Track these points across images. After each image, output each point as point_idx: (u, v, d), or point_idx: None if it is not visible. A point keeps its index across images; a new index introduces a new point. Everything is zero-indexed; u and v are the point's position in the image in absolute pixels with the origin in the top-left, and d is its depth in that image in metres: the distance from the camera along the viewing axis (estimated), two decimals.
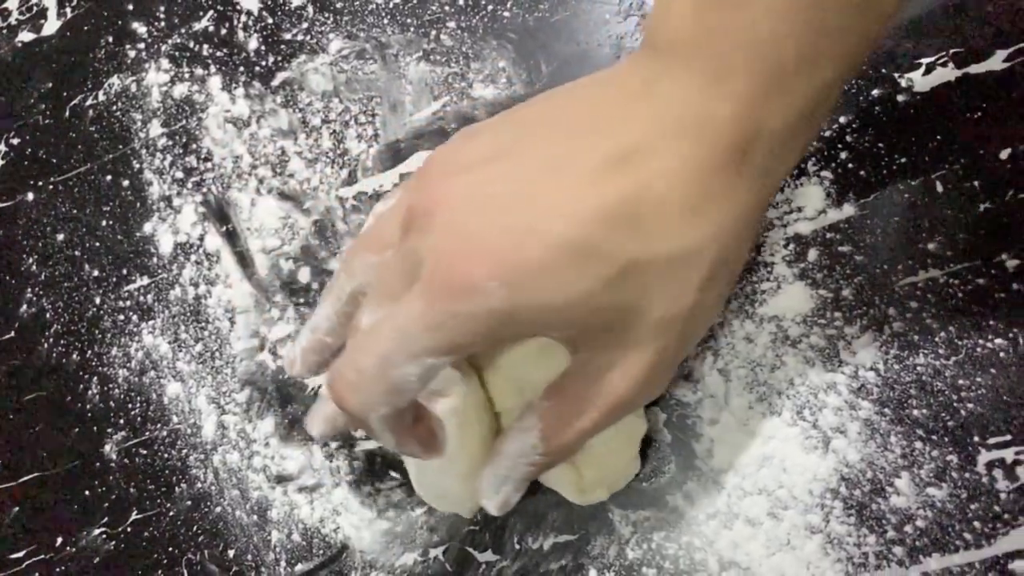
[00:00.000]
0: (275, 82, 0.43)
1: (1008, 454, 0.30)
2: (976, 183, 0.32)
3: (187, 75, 0.45)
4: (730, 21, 0.23)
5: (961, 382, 0.31)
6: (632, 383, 0.26)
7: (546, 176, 0.24)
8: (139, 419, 0.42)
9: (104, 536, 0.41)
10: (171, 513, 0.40)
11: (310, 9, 0.43)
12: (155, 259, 0.43)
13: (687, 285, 0.25)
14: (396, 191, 0.32)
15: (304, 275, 0.41)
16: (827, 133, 0.35)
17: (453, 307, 0.23)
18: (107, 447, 0.42)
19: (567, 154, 0.24)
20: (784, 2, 0.22)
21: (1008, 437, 0.30)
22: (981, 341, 0.31)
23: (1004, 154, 0.32)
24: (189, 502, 0.40)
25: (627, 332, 0.25)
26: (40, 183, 0.46)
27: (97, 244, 0.44)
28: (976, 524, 0.30)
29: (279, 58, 0.43)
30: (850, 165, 0.34)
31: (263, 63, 0.44)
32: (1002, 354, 0.31)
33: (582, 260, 0.23)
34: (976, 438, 0.31)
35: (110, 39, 0.47)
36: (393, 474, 0.37)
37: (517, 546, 0.35)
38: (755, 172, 0.25)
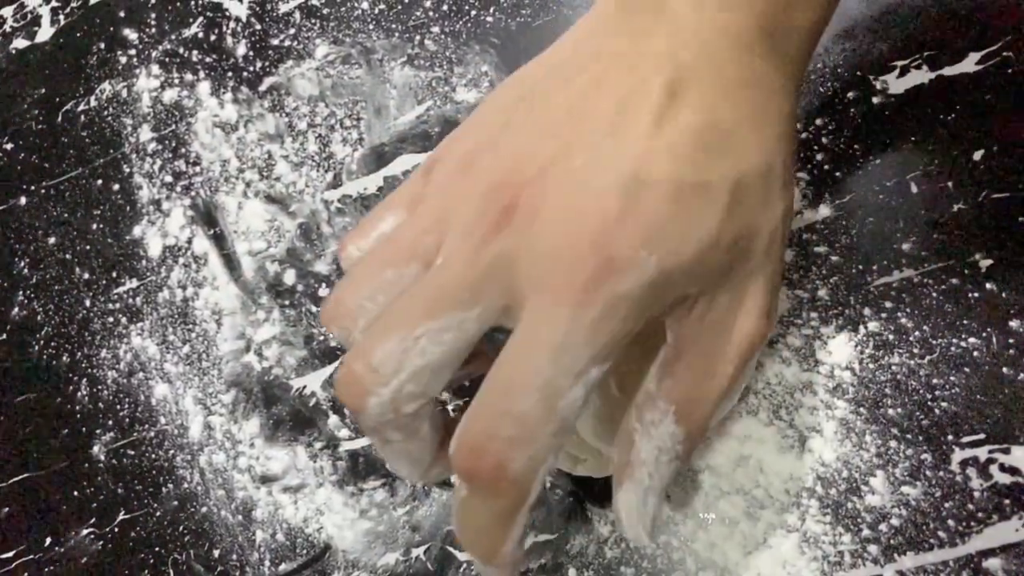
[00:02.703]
0: (262, 87, 0.44)
1: (981, 453, 0.30)
2: (950, 184, 0.33)
3: (177, 80, 0.46)
4: None
5: (935, 381, 0.31)
6: (761, 312, 0.23)
7: (614, 126, 0.21)
8: (127, 420, 0.42)
9: (92, 536, 0.41)
10: (158, 513, 0.40)
11: (297, 15, 0.44)
12: (144, 262, 0.44)
13: (775, 192, 0.22)
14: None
15: (289, 277, 0.41)
16: (803, 135, 0.35)
17: (613, 292, 0.20)
18: (96, 448, 0.42)
19: (619, 102, 0.21)
20: None
21: (982, 436, 0.31)
22: (955, 340, 0.31)
23: (977, 155, 0.32)
24: (175, 502, 0.40)
25: (747, 261, 0.22)
26: (32, 187, 0.47)
27: (88, 247, 0.45)
28: (950, 523, 0.30)
29: (267, 63, 0.44)
30: (826, 167, 0.34)
31: (251, 68, 0.44)
32: (976, 353, 0.31)
33: (702, 195, 0.21)
34: (950, 437, 0.31)
35: (102, 46, 0.48)
36: (375, 475, 0.38)
37: None
38: (791, 66, 0.24)
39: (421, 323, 0.20)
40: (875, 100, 0.34)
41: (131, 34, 0.47)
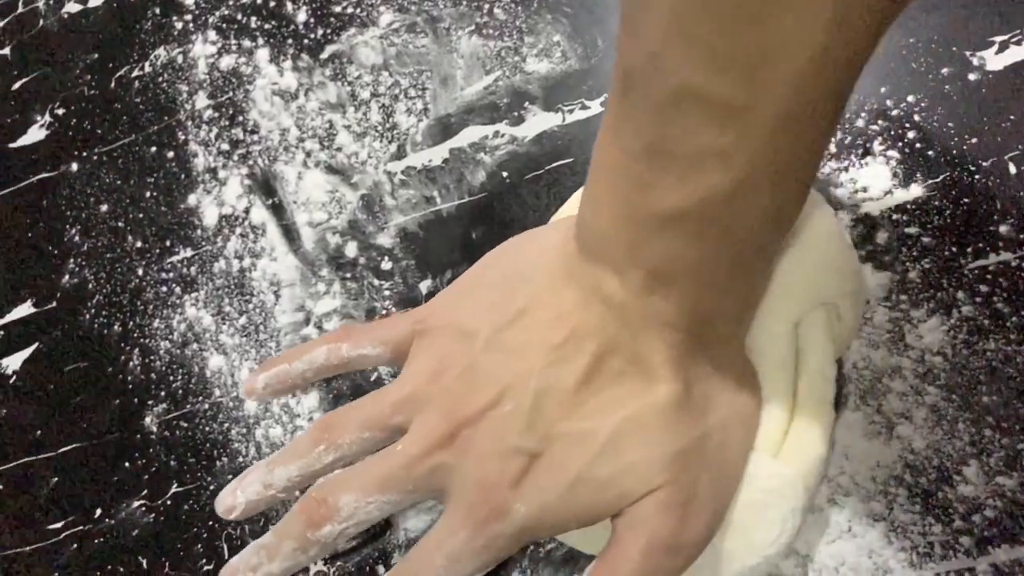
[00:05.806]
0: (324, 55, 0.43)
1: None
2: None
3: (234, 47, 0.45)
4: (669, 244, 0.24)
5: None
6: (664, 509, 0.26)
7: (555, 399, 0.27)
8: (180, 392, 0.41)
9: (143, 508, 0.40)
10: (212, 487, 0.40)
11: None
12: (199, 231, 0.43)
13: (680, 428, 0.27)
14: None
15: (351, 249, 0.40)
16: (895, 112, 0.34)
17: (494, 532, 0.27)
18: (148, 419, 0.41)
19: (554, 371, 0.27)
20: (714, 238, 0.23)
21: None
22: None
23: None
24: (230, 476, 0.39)
25: (642, 482, 0.27)
26: (85, 154, 0.46)
27: (141, 215, 0.44)
28: None
29: (328, 31, 0.43)
30: (918, 145, 0.33)
31: (312, 36, 0.43)
32: None
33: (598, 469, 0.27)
34: None
35: (157, 11, 0.47)
36: None
37: None
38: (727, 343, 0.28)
39: (374, 494, 0.28)
40: (971, 77, 0.33)
41: None
